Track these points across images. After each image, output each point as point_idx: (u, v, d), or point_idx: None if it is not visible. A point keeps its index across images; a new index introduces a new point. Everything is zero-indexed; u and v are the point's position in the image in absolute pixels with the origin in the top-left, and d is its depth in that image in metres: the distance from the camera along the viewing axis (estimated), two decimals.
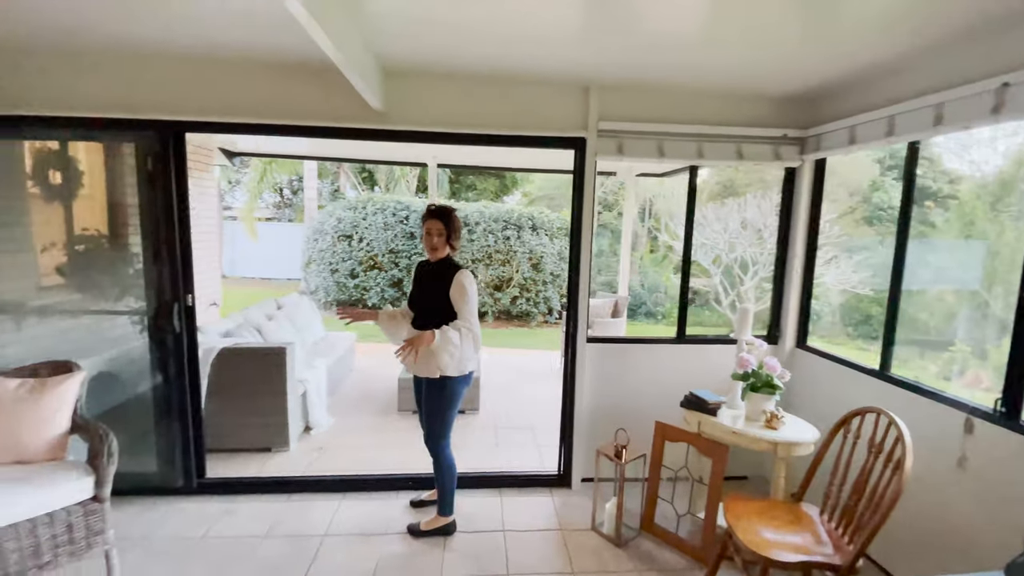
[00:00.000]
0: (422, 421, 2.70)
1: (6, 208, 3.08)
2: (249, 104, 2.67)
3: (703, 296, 11.21)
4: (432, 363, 2.38)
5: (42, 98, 2.57)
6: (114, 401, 3.12)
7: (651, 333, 10.43)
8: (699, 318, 10.77)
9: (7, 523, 1.85)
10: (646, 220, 15.33)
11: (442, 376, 2.42)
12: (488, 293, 9.25)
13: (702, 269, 10.24)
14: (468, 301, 2.38)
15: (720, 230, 8.54)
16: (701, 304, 11.27)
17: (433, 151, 5.28)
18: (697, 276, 11.21)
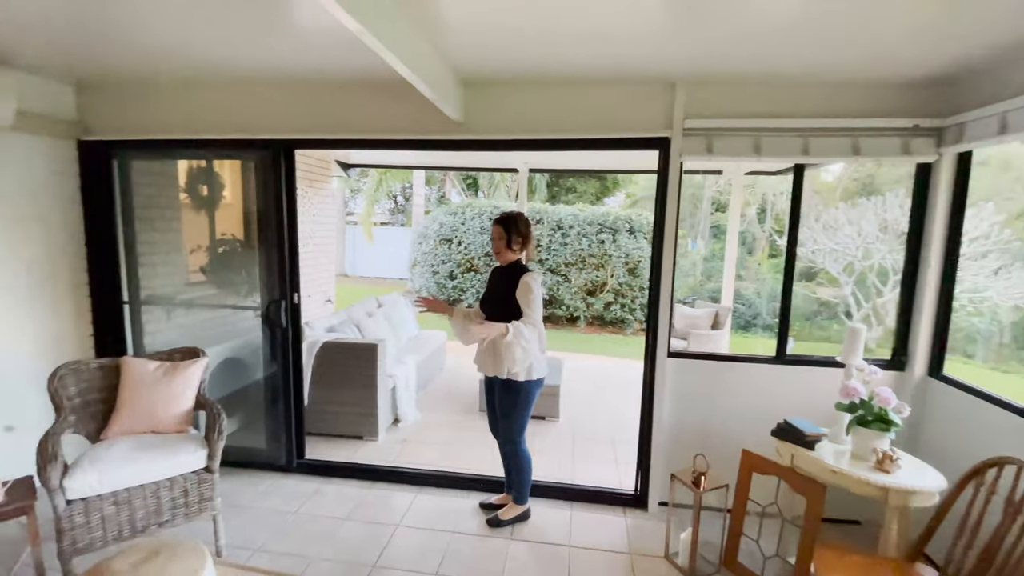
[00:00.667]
0: (491, 422, 2.80)
1: (163, 216, 3.69)
2: (343, 122, 2.91)
3: (831, 308, 9.99)
4: (502, 361, 2.46)
5: (182, 124, 3.04)
6: (236, 385, 3.59)
7: (766, 348, 9.51)
8: (827, 332, 9.61)
9: (137, 483, 2.21)
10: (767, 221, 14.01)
11: (514, 379, 2.49)
12: (581, 298, 9.11)
13: (830, 278, 9.13)
14: (533, 301, 2.44)
15: (853, 234, 7.53)
16: (828, 317, 10.06)
17: (523, 156, 5.32)
18: (824, 285, 10.00)
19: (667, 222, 2.72)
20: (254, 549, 2.50)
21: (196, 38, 2.27)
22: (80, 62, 2.67)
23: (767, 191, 13.70)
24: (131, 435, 2.48)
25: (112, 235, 3.26)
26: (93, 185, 3.19)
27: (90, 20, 2.09)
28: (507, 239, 2.51)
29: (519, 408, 2.59)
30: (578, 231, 8.96)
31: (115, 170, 3.24)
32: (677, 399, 2.86)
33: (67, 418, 2.39)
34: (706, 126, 2.58)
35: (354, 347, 3.66)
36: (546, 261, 9.04)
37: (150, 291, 3.55)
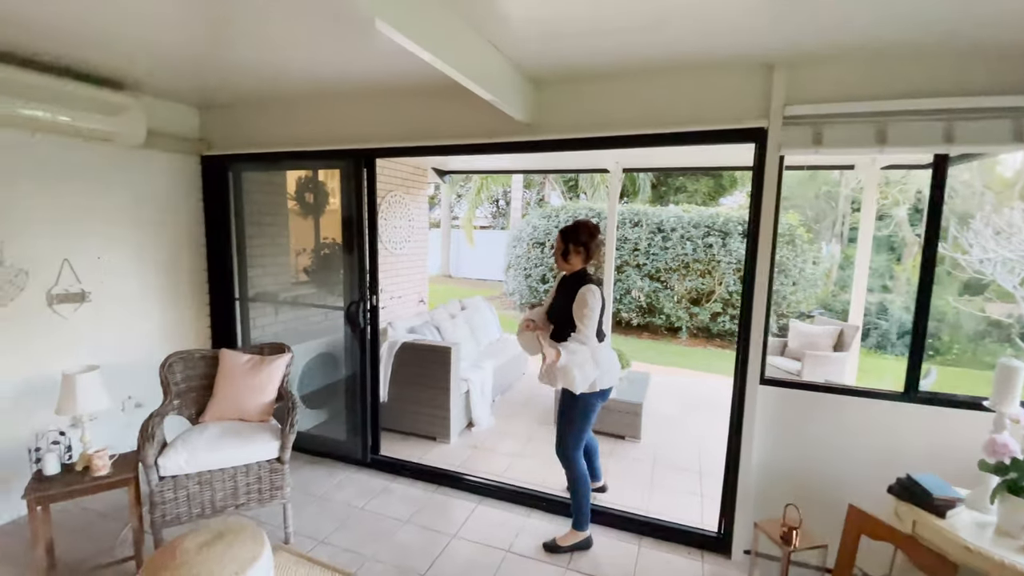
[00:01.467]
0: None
1: (270, 222, 4.07)
2: (415, 129, 2.95)
3: (1003, 329, 8.23)
4: (559, 377, 2.39)
5: (282, 137, 3.30)
6: (326, 379, 3.84)
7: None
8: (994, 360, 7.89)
9: (219, 467, 2.41)
10: (922, 223, 11.92)
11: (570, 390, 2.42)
12: (683, 307, 8.46)
13: (1003, 293, 7.52)
14: (586, 316, 2.36)
15: None
16: (999, 340, 8.32)
17: (614, 155, 5.04)
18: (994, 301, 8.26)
19: (762, 224, 2.34)
20: (319, 540, 2.61)
21: (293, 61, 2.47)
22: (203, 87, 3.03)
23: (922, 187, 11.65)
24: (222, 421, 2.73)
25: (227, 239, 3.66)
26: (212, 194, 3.61)
27: (214, 52, 2.37)
28: (564, 249, 2.47)
29: (574, 419, 2.52)
30: (682, 234, 8.34)
31: (230, 181, 3.64)
32: (770, 434, 2.45)
33: (172, 401, 2.70)
34: (813, 112, 2.16)
35: (430, 349, 3.71)
36: (644, 266, 8.56)
37: (259, 289, 3.93)
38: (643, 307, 8.79)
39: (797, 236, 8.30)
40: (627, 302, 8.79)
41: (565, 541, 2.59)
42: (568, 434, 2.54)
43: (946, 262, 11.97)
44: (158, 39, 2.23)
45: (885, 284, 11.57)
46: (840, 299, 10.65)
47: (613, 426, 3.88)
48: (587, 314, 2.34)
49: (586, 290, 2.37)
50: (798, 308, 8.48)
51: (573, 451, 2.54)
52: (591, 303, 2.35)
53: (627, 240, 8.66)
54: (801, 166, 4.37)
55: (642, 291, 8.66)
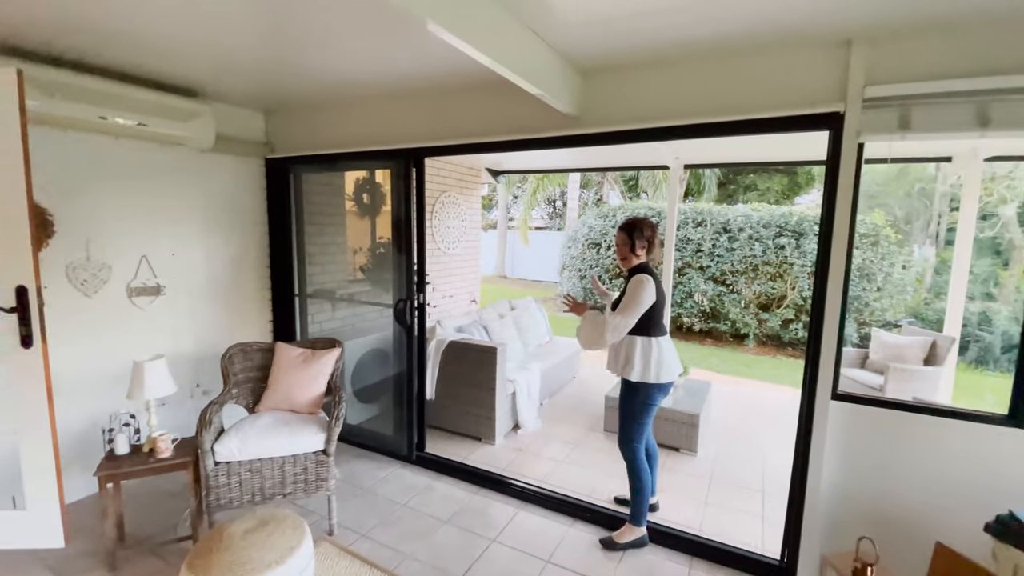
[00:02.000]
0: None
1: (332, 222, 4.22)
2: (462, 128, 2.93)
3: None
4: (621, 359, 2.47)
5: (336, 139, 3.40)
6: (378, 374, 3.92)
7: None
8: None
9: (268, 456, 2.50)
10: None
11: (631, 380, 2.46)
12: (751, 313, 7.94)
13: None
14: (631, 300, 2.37)
15: None
16: None
17: (675, 150, 4.80)
18: None
19: (837, 222, 2.09)
20: (361, 533, 2.64)
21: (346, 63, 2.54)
22: (268, 93, 3.19)
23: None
24: (275, 411, 2.84)
25: (288, 238, 3.83)
26: (275, 195, 3.79)
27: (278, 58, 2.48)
28: (631, 244, 2.46)
29: (634, 411, 2.53)
30: (750, 234, 7.83)
31: (291, 182, 3.81)
32: (843, 456, 2.18)
33: (231, 390, 2.84)
34: (898, 93, 1.90)
35: (475, 348, 3.68)
36: (708, 269, 8.12)
37: (317, 286, 4.08)
38: (706, 312, 8.34)
39: (883, 237, 7.55)
40: (689, 306, 8.39)
41: (622, 537, 2.57)
42: (628, 427, 2.54)
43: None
44: (229, 49, 2.37)
45: (989, 292, 10.30)
46: (934, 307, 9.57)
47: (668, 437, 3.67)
48: (630, 299, 2.34)
49: (636, 279, 2.37)
50: (883, 316, 7.71)
51: (635, 443, 2.55)
52: (638, 294, 2.34)
53: (690, 241, 8.26)
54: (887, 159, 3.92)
55: (705, 295, 8.22)
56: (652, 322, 2.44)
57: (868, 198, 14.83)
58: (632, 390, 2.51)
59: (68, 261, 2.76)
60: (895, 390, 3.76)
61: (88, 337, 2.86)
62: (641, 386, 2.46)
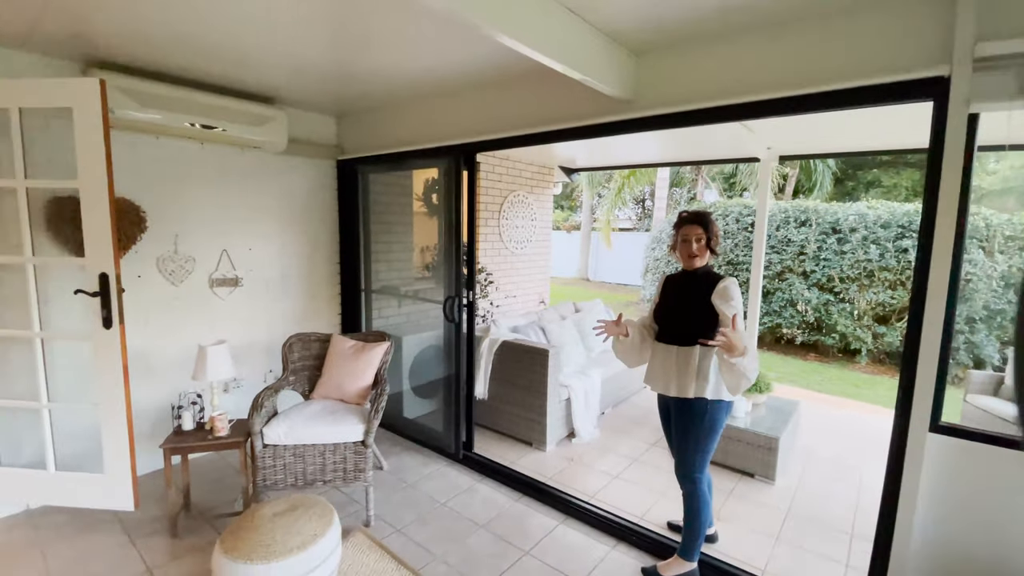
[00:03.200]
0: (673, 449, 2.37)
1: (399, 220, 4.35)
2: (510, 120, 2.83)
3: None
4: (689, 379, 2.14)
5: (395, 139, 3.47)
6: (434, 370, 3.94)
7: None
8: None
9: (311, 442, 2.58)
10: None
11: (700, 398, 2.13)
12: (865, 325, 6.94)
13: None
14: (738, 308, 2.06)
15: None
16: None
17: (764, 140, 4.30)
18: None
19: (940, 218, 1.68)
20: (397, 528, 2.64)
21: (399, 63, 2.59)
22: (336, 97, 3.35)
23: None
24: (326, 400, 2.94)
25: (356, 236, 4.00)
26: (345, 195, 3.98)
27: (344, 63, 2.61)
28: (707, 238, 2.18)
29: (702, 436, 2.18)
30: (864, 235, 6.84)
31: (359, 182, 3.97)
32: (945, 500, 1.75)
33: (288, 377, 2.99)
34: (1020, 50, 1.47)
35: (527, 350, 3.56)
36: (812, 274, 7.23)
37: (384, 282, 4.22)
38: (810, 323, 7.43)
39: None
40: (789, 316, 7.53)
41: (668, 570, 2.28)
42: (692, 453, 2.20)
43: None
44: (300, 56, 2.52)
45: None
46: None
47: (740, 460, 3.27)
48: (736, 307, 2.05)
49: (728, 281, 2.11)
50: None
51: (699, 472, 2.21)
52: (738, 296, 2.09)
53: (791, 242, 7.42)
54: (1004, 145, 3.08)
55: (808, 303, 7.33)
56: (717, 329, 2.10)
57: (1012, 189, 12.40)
58: (700, 411, 2.15)
59: (159, 254, 3.09)
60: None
61: (174, 322, 3.18)
62: (712, 405, 2.13)
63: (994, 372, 3.65)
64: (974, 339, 6.28)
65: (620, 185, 11.19)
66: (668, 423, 2.37)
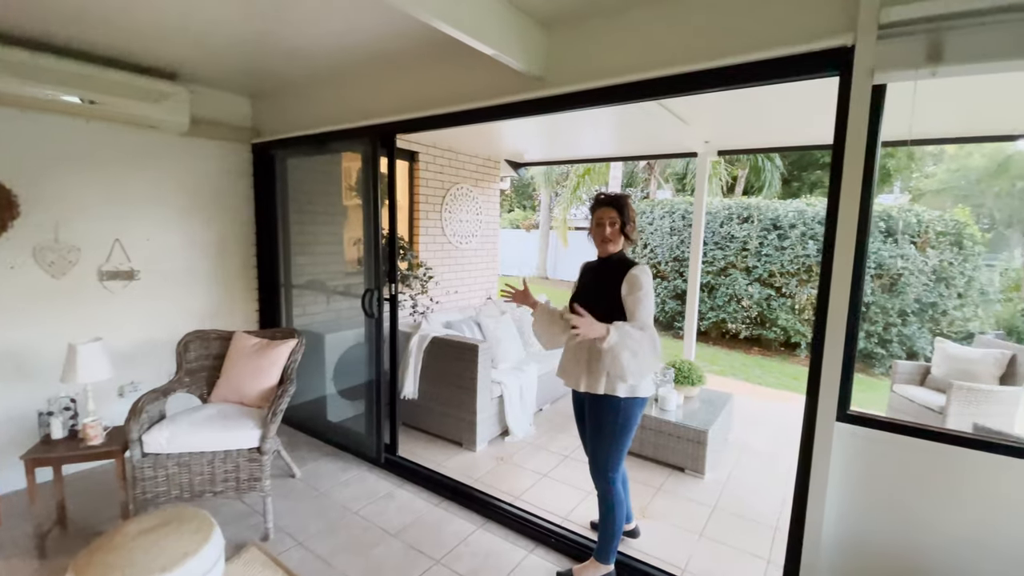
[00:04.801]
0: (586, 447, 2.22)
1: (326, 210, 4.08)
2: (424, 100, 2.66)
3: None
4: (598, 372, 2.00)
5: (310, 120, 3.23)
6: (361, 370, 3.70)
7: None
8: None
9: (198, 449, 2.33)
10: None
11: (611, 395, 2.00)
12: (804, 319, 7.12)
13: None
14: (643, 299, 1.93)
15: None
16: None
17: (703, 134, 4.28)
18: None
19: (843, 204, 1.62)
20: (299, 541, 2.42)
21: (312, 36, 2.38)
22: (247, 74, 3.08)
23: None
24: (224, 403, 2.69)
25: (274, 226, 3.73)
26: (261, 181, 3.70)
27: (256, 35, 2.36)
28: (621, 223, 2.05)
29: (613, 433, 2.05)
30: (803, 231, 7.02)
31: (277, 168, 3.69)
32: (856, 494, 1.69)
33: (182, 379, 2.72)
34: (926, 13, 1.41)
35: (456, 346, 3.39)
36: (755, 270, 7.37)
37: (310, 276, 3.96)
38: (752, 318, 7.58)
39: (967, 236, 6.50)
40: (732, 310, 7.66)
41: (583, 574, 2.15)
42: (606, 451, 2.08)
43: None
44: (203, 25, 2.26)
45: None
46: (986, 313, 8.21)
47: (670, 454, 3.20)
48: (643, 297, 1.92)
49: (639, 270, 1.96)
50: (966, 327, 6.64)
51: (613, 471, 2.09)
52: (646, 285, 1.94)
53: (734, 238, 7.54)
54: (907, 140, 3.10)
55: (751, 298, 7.47)
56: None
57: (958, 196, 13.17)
58: (612, 408, 2.02)
59: (36, 242, 2.75)
60: (958, 413, 3.07)
61: (55, 319, 2.84)
62: (625, 402, 2.01)
63: (921, 363, 3.73)
64: (906, 331, 6.53)
65: (575, 184, 11.18)
66: (582, 420, 2.25)
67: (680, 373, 3.60)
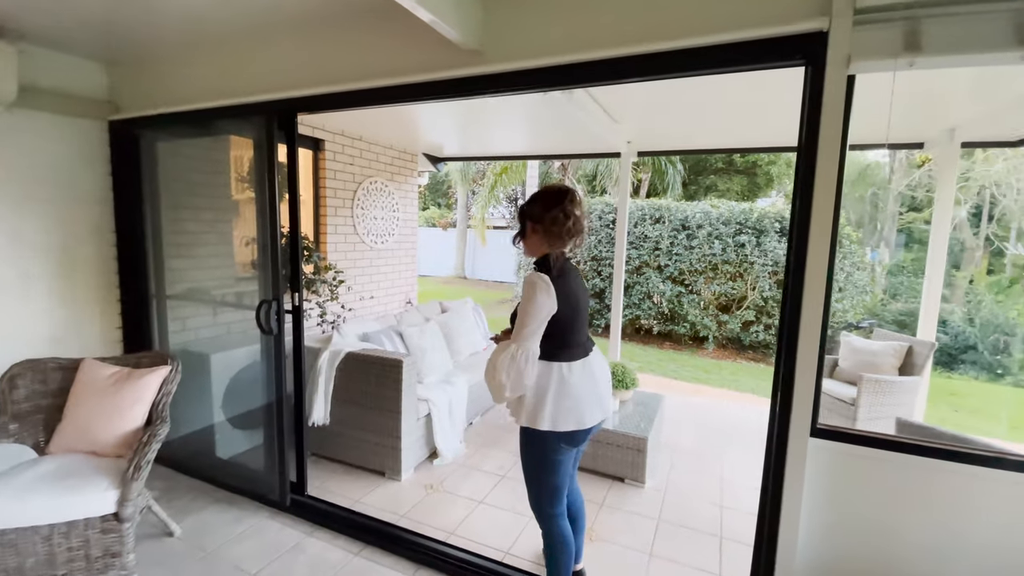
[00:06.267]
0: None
1: (212, 205, 3.40)
2: (338, 73, 2.23)
3: None
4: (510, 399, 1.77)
5: (188, 94, 2.64)
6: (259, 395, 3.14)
7: (981, 397, 6.90)
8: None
9: (28, 524, 1.72)
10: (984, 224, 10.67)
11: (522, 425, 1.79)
12: (710, 314, 7.51)
13: None
14: (525, 311, 1.67)
15: None
16: None
17: (627, 135, 4.23)
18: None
19: (818, 193, 1.50)
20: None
21: None
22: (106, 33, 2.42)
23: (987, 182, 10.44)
24: (70, 453, 2.06)
25: (142, 223, 3.04)
26: (123, 168, 2.99)
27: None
28: (520, 229, 1.85)
29: (532, 465, 1.85)
30: (709, 232, 7.39)
31: (146, 153, 3.01)
32: (828, 512, 1.60)
33: (6, 425, 2.04)
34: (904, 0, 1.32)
35: (376, 361, 2.97)
36: (666, 268, 7.65)
37: (192, 284, 3.29)
38: (665, 314, 7.87)
39: (844, 236, 7.23)
40: (647, 308, 7.90)
41: None
42: (532, 489, 1.87)
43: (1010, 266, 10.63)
44: None
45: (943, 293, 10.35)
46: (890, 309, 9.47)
47: (609, 464, 3.06)
48: (526, 309, 1.67)
49: (533, 276, 1.70)
50: (845, 318, 7.41)
51: (546, 507, 1.85)
52: (528, 304, 1.66)
53: (647, 238, 7.77)
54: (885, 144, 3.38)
55: (663, 296, 7.75)
56: (554, 340, 1.72)
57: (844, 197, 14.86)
58: (527, 438, 1.80)
59: None
60: (870, 404, 3.26)
61: None
62: (535, 435, 1.74)
63: (831, 356, 3.95)
64: None
65: (493, 183, 10.97)
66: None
67: (615, 377, 3.49)
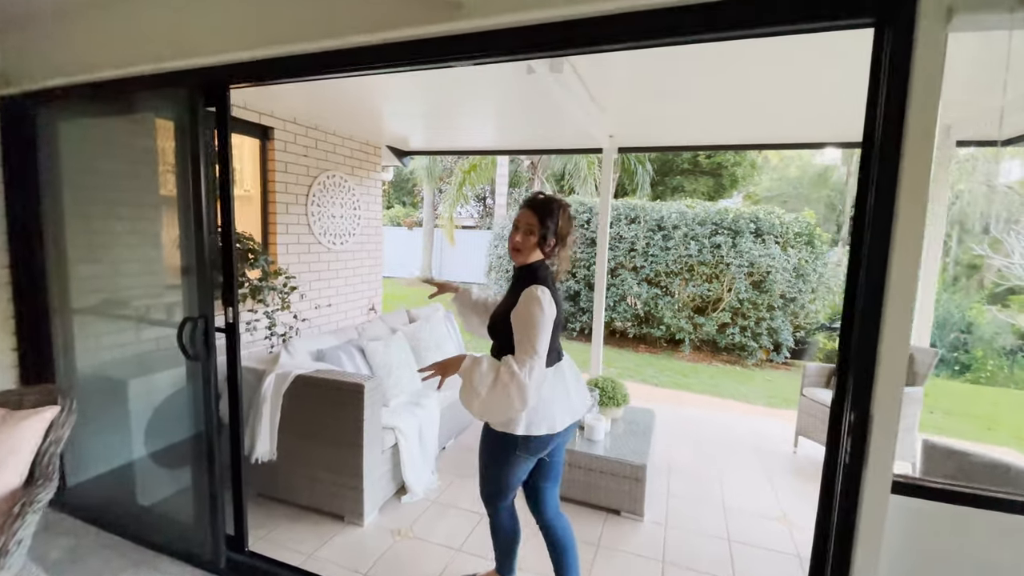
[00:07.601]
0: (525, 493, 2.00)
1: (134, 201, 2.84)
2: (282, 30, 1.77)
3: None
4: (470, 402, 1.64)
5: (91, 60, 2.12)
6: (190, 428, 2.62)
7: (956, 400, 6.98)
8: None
9: None
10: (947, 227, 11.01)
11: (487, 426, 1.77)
12: (686, 316, 7.33)
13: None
14: (529, 327, 1.56)
15: None
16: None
17: (609, 130, 3.92)
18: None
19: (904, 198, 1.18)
20: None
21: None
22: None
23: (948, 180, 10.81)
24: None
25: (39, 222, 2.48)
26: (17, 154, 2.43)
27: None
28: (543, 233, 1.68)
29: (496, 465, 1.80)
30: (685, 232, 7.20)
31: (43, 135, 2.45)
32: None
33: None
34: None
35: (332, 386, 2.52)
36: (642, 269, 7.42)
37: (108, 295, 2.73)
38: (640, 316, 7.65)
39: (816, 236, 7.19)
40: (622, 310, 7.65)
41: None
42: (484, 483, 1.88)
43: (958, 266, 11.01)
44: None
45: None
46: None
47: (604, 496, 2.72)
48: (532, 324, 1.56)
49: (529, 295, 1.59)
50: (817, 319, 7.39)
51: (496, 501, 1.89)
52: (535, 318, 1.56)
53: (622, 239, 7.53)
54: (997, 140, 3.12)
55: (639, 298, 7.52)
56: None
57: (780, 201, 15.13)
58: (491, 437, 1.76)
59: None
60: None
61: None
62: (501, 435, 1.70)
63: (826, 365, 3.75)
64: (773, 324, 7.01)
65: (461, 181, 10.53)
66: None
67: (604, 394, 3.16)
